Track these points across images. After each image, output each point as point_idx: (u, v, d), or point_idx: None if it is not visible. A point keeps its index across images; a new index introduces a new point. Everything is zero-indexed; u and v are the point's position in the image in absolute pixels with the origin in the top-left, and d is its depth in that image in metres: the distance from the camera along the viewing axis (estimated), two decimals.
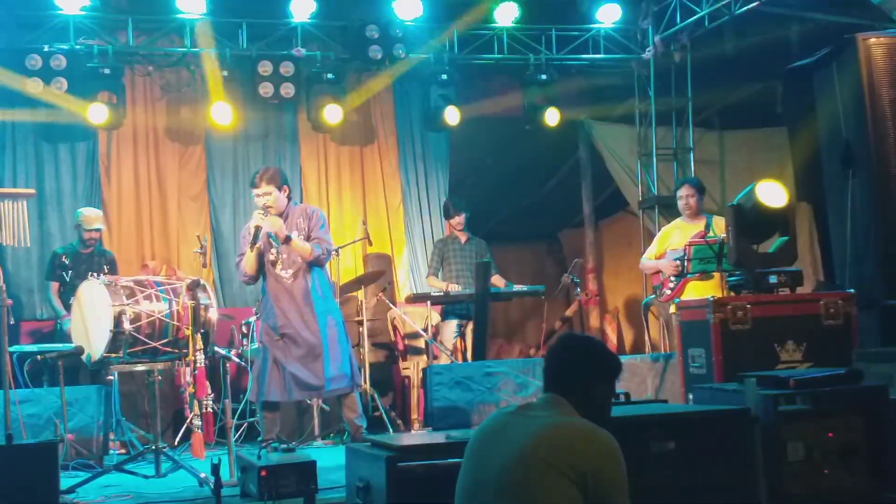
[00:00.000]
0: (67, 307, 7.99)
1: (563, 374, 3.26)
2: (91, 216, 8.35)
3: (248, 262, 6.66)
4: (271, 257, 6.69)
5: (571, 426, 3.09)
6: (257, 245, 6.60)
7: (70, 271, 8.20)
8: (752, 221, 6.24)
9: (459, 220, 9.01)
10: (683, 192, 7.89)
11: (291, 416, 7.72)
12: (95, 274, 7.91)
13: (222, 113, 9.19)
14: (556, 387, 3.25)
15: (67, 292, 8.08)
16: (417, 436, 7.07)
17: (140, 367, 6.64)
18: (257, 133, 9.84)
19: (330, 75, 9.57)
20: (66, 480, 5.76)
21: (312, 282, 6.73)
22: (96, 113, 8.81)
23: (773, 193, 6.20)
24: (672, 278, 7.62)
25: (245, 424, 7.91)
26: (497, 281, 8.81)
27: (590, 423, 3.11)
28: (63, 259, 8.27)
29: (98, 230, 8.35)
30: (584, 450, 3.03)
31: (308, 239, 6.66)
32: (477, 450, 3.25)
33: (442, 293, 8.55)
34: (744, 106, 10.73)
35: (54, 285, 8.31)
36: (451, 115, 9.83)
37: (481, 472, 3.17)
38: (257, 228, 6.51)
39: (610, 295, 11.67)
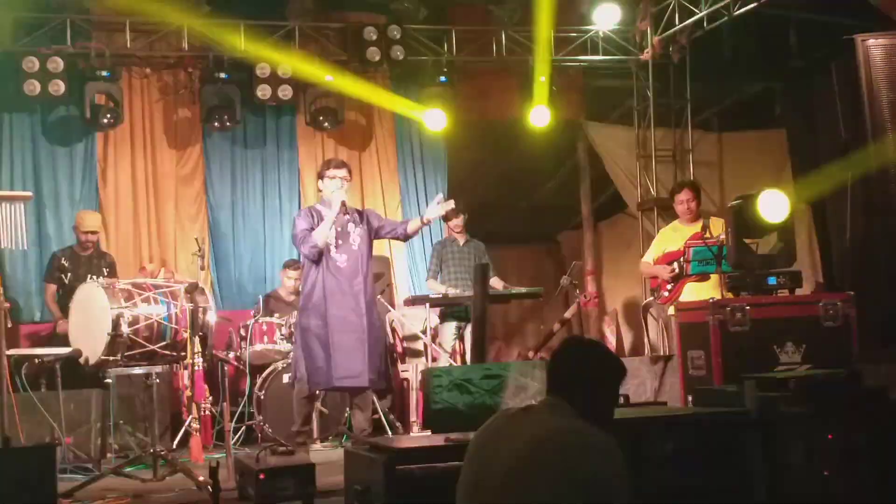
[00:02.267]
0: (65, 310, 7.97)
1: (568, 377, 3.24)
2: (87, 219, 8.33)
3: (324, 233, 6.72)
4: (330, 240, 6.74)
5: (572, 429, 3.08)
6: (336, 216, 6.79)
7: (69, 274, 8.18)
8: (751, 223, 6.24)
9: (457, 222, 8.99)
10: (684, 195, 7.86)
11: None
12: (94, 276, 7.92)
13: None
14: (560, 389, 3.23)
15: (66, 295, 8.06)
16: (416, 438, 7.06)
17: (138, 371, 6.63)
18: (255, 135, 9.83)
19: (328, 77, 9.57)
20: (63, 484, 5.75)
21: (365, 271, 6.81)
22: (102, 115, 8.82)
23: (774, 207, 6.19)
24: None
25: (243, 427, 7.90)
26: (495, 283, 8.80)
27: (591, 425, 3.09)
28: (62, 261, 8.25)
29: (94, 233, 8.34)
30: (586, 453, 3.01)
31: (377, 234, 7.06)
32: (478, 452, 3.24)
33: (440, 295, 8.53)
34: (743, 107, 10.73)
35: (52, 287, 8.29)
36: (449, 117, 9.82)
37: (482, 474, 3.16)
38: (344, 203, 6.83)
39: (609, 297, 11.65)
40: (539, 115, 9.89)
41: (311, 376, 6.71)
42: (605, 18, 9.86)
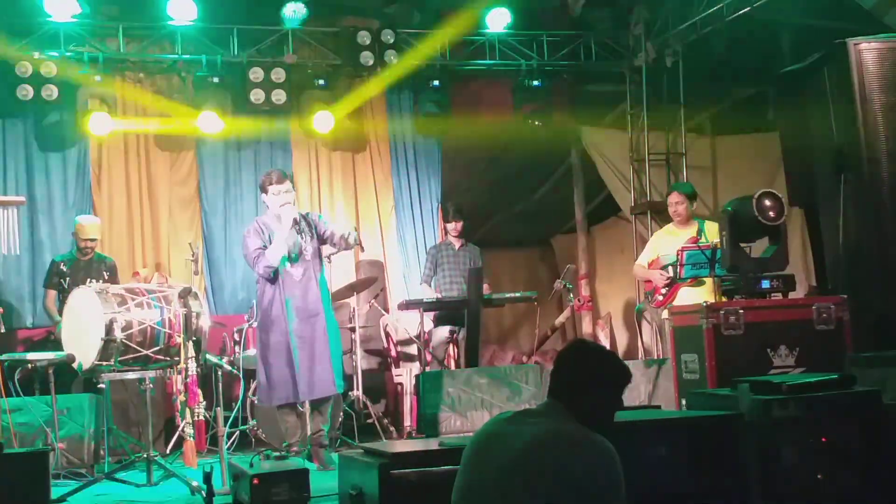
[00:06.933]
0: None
1: (571, 381, 3.22)
2: (87, 226, 8.32)
3: (278, 252, 6.69)
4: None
5: (569, 433, 3.08)
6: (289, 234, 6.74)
7: (68, 279, 8.18)
8: (746, 227, 6.26)
9: (456, 226, 8.99)
10: (672, 199, 7.92)
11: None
12: (94, 281, 7.92)
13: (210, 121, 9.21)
14: (562, 393, 3.22)
15: (65, 300, 8.05)
16: (410, 443, 7.05)
17: (131, 376, 6.62)
18: (248, 140, 9.82)
19: (321, 81, 9.58)
20: (56, 489, 5.75)
21: (320, 281, 6.84)
22: (96, 122, 8.85)
23: (771, 207, 6.21)
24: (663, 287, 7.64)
25: (237, 432, 7.88)
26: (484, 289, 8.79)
27: (588, 430, 3.08)
28: (62, 267, 8.25)
29: (94, 240, 8.32)
30: (582, 458, 3.01)
31: (322, 239, 6.98)
32: (474, 455, 3.24)
33: (434, 300, 8.53)
34: (736, 111, 10.74)
35: (51, 293, 8.28)
36: (443, 121, 9.83)
37: (478, 477, 3.16)
38: (296, 220, 6.76)
39: (602, 300, 11.66)
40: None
41: (273, 390, 6.74)
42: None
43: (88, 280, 8.07)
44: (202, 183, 9.70)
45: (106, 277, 8.12)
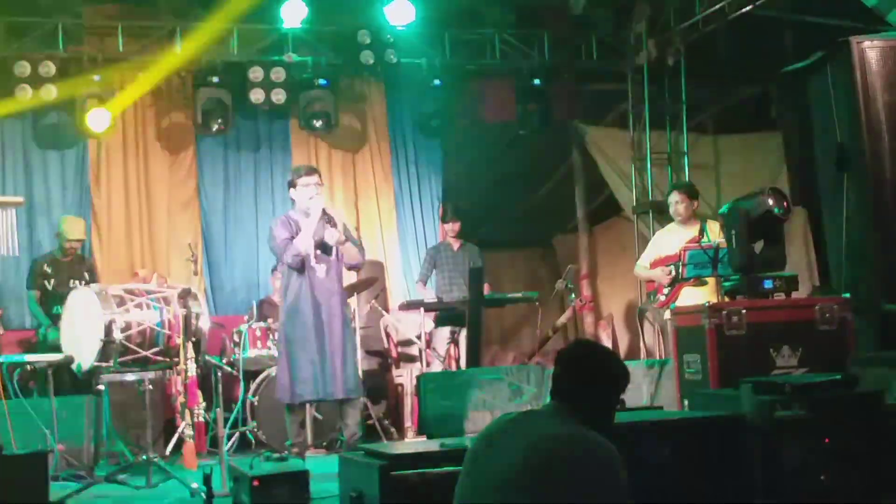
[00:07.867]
0: (50, 316, 7.99)
1: (574, 382, 3.21)
2: (72, 227, 8.30)
3: (306, 240, 6.66)
4: (309, 250, 6.72)
5: (574, 435, 3.06)
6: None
7: (52, 279, 8.18)
8: (754, 225, 6.23)
9: (453, 226, 8.99)
10: (673, 198, 7.88)
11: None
12: (77, 281, 7.92)
13: None
14: (565, 394, 3.21)
15: (49, 301, 8.09)
16: (411, 444, 7.04)
17: (131, 377, 6.63)
18: (248, 139, 9.82)
19: (321, 81, 9.56)
20: (56, 491, 5.72)
21: (340, 281, 6.83)
22: (95, 120, 8.81)
23: (783, 200, 6.21)
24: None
25: (237, 434, 7.87)
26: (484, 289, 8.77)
27: (591, 432, 3.07)
28: (44, 267, 8.27)
29: (80, 241, 8.32)
30: (585, 460, 2.99)
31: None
32: (477, 456, 3.22)
33: (434, 300, 8.51)
34: (738, 110, 10.73)
35: (35, 294, 8.28)
36: (444, 121, 9.82)
37: (481, 479, 3.15)
38: (325, 211, 6.76)
39: (604, 300, 11.64)
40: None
41: (295, 387, 6.68)
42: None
43: (71, 280, 8.08)
44: (201, 183, 9.69)
45: (87, 278, 8.12)
